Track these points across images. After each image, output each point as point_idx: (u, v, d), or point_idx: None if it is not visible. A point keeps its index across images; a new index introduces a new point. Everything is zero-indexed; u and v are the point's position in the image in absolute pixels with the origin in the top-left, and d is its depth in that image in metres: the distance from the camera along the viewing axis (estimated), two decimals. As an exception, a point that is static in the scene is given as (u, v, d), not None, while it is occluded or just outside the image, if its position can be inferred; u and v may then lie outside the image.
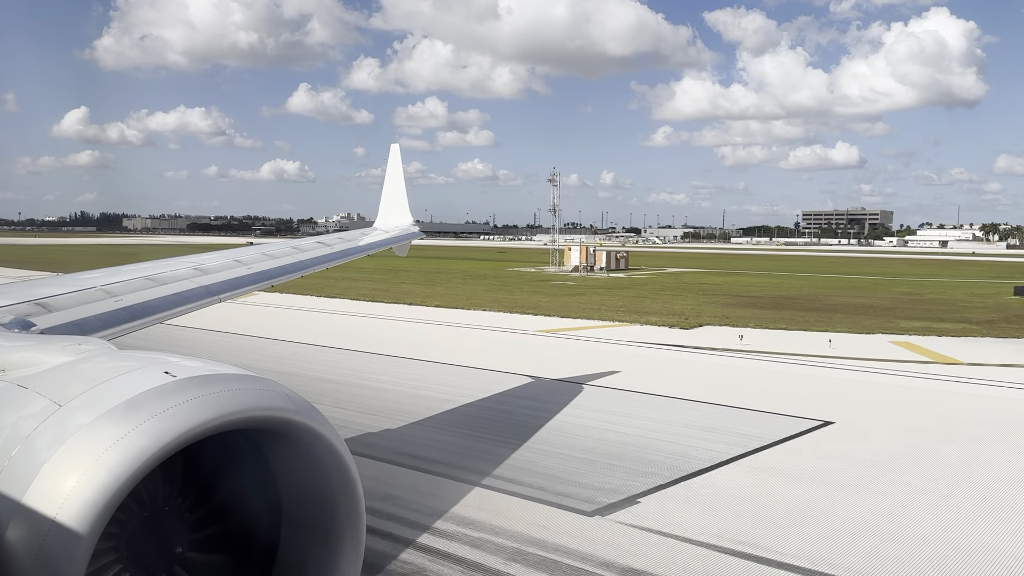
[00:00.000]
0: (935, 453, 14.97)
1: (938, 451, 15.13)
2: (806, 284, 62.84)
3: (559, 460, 13.95)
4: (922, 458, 14.57)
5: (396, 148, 19.34)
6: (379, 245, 15.34)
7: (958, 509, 11.86)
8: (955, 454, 14.88)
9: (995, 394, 20.70)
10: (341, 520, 3.52)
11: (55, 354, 3.72)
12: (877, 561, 9.90)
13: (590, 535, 10.58)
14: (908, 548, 10.35)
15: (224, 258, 9.89)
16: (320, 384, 20.29)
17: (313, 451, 3.38)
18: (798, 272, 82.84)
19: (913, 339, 30.40)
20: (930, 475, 13.54)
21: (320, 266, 11.85)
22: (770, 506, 11.82)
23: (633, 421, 17.07)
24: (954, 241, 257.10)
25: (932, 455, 14.82)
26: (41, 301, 6.25)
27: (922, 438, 15.99)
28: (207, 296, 8.37)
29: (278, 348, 26.81)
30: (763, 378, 22.67)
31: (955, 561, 10.01)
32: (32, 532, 2.71)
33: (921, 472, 13.70)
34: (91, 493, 2.72)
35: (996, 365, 24.58)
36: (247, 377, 3.31)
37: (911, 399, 20.07)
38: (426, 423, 16.71)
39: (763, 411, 18.18)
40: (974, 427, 16.97)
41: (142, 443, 2.83)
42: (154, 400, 2.98)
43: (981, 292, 54.87)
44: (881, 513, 11.58)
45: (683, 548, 10.21)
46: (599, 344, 28.93)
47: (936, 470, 13.84)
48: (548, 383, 21.29)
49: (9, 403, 3.23)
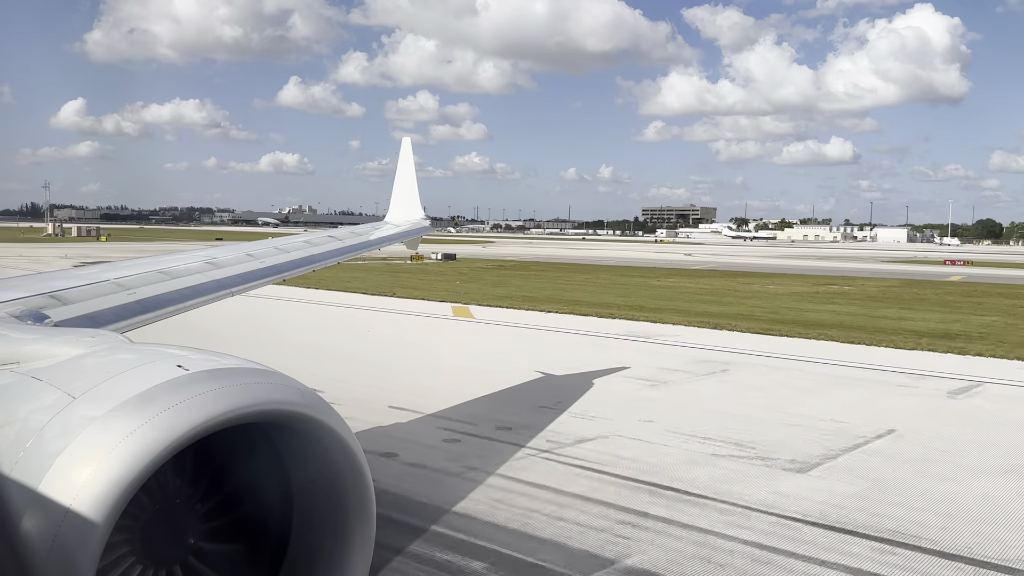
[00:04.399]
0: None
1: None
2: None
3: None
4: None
5: (407, 141, 19.29)
6: (390, 239, 15.37)
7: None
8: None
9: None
10: (352, 514, 3.53)
11: (69, 347, 3.75)
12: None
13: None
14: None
15: (236, 251, 9.94)
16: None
17: (324, 445, 3.39)
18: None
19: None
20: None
21: (331, 260, 11.88)
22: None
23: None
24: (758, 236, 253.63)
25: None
26: (55, 294, 6.29)
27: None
28: (219, 290, 8.41)
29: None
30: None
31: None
32: (46, 523, 2.74)
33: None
34: (104, 485, 2.74)
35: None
36: (259, 371, 3.32)
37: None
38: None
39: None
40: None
41: (155, 436, 2.85)
42: (167, 393, 3.00)
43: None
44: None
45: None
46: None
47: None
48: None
49: (24, 395, 3.26)
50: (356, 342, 24.86)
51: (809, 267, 74.28)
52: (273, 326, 26.80)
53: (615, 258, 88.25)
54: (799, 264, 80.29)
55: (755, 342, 24.66)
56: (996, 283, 55.32)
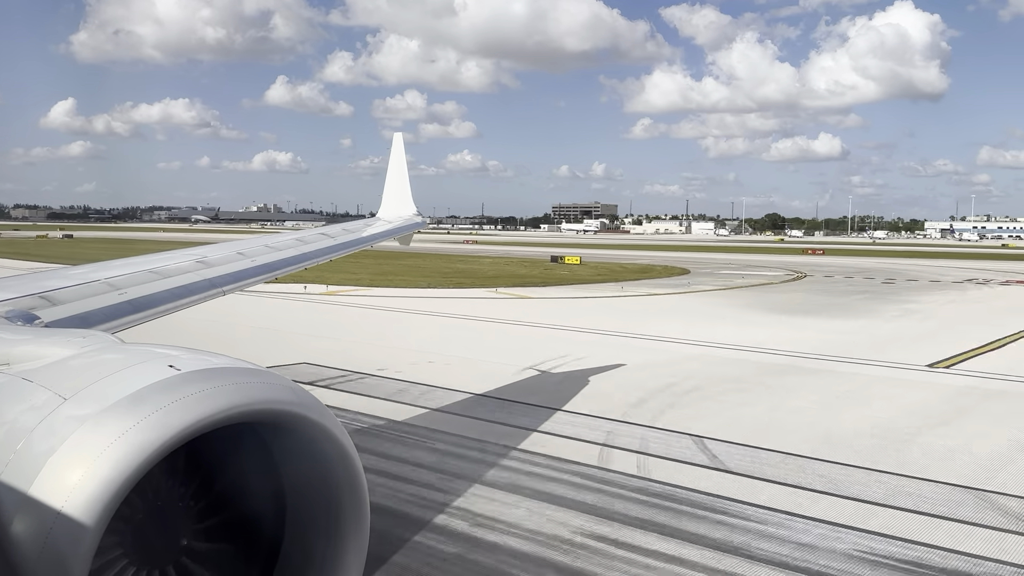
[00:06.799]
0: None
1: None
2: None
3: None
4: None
5: (399, 137, 19.19)
6: (383, 236, 15.34)
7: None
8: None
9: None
10: (345, 514, 3.52)
11: (59, 347, 3.72)
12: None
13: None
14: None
15: (227, 250, 9.89)
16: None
17: (317, 444, 3.38)
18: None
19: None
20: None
21: (324, 257, 11.84)
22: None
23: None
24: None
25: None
26: (45, 294, 6.25)
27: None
28: (210, 289, 8.37)
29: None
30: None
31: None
32: (38, 525, 2.71)
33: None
34: (96, 487, 2.72)
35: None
36: (251, 370, 3.30)
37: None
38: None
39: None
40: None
41: (147, 437, 2.83)
42: (159, 394, 2.98)
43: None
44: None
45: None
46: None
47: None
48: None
49: (14, 396, 3.23)
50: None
51: (517, 252, 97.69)
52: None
53: (450, 250, 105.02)
54: (521, 251, 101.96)
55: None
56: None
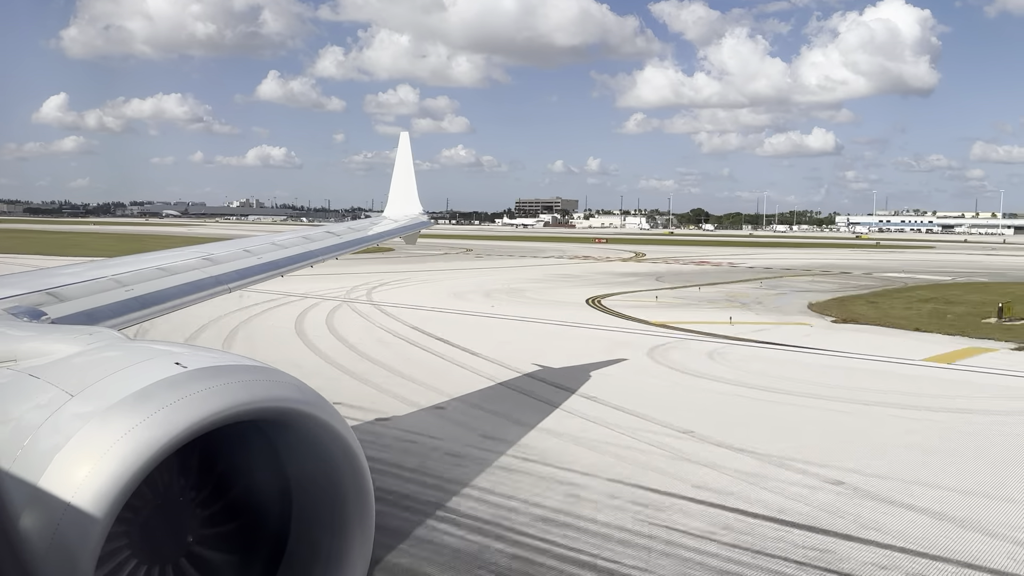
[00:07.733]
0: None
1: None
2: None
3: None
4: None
5: (405, 136, 19.14)
6: (388, 235, 15.36)
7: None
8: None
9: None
10: (351, 511, 3.52)
11: (66, 344, 3.74)
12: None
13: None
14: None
15: (233, 248, 9.92)
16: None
17: (322, 442, 3.38)
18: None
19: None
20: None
21: (330, 255, 11.88)
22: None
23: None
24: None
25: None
26: (52, 291, 6.28)
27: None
28: (217, 285, 8.40)
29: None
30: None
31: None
32: (46, 519, 2.73)
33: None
34: (103, 483, 2.74)
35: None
36: (257, 368, 3.31)
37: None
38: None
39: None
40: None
41: (153, 434, 2.84)
42: (165, 391, 2.99)
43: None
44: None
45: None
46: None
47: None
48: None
49: (21, 393, 3.25)
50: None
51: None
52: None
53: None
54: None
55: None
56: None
